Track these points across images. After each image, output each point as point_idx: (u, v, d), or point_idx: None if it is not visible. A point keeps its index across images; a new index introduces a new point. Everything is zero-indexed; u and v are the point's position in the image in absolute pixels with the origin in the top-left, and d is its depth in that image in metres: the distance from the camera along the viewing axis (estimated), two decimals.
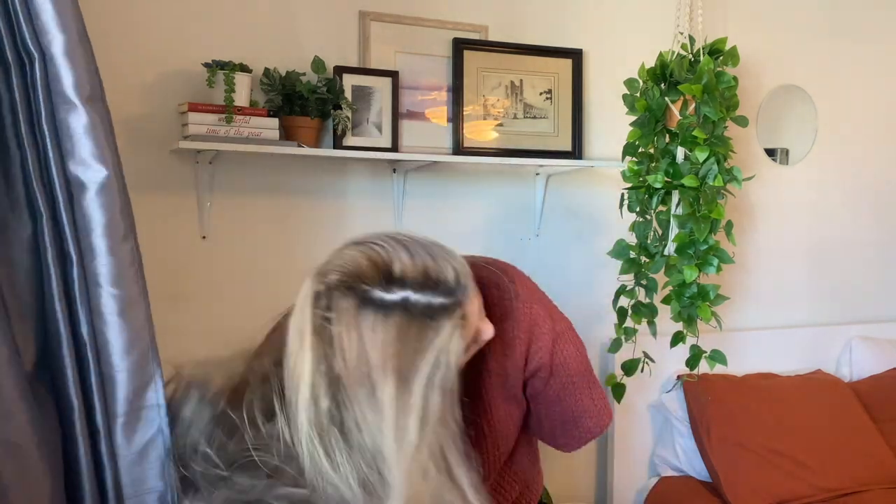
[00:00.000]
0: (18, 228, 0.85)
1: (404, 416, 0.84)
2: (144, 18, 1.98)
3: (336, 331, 0.85)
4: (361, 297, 0.85)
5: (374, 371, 0.84)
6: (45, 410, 0.83)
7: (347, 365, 0.85)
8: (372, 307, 0.85)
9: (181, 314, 2.04)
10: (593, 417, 1.23)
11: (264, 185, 2.13)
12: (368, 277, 0.86)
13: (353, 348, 0.84)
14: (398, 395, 0.84)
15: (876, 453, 2.42)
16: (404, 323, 0.85)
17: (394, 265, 0.87)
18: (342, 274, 0.87)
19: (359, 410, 0.85)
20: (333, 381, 0.86)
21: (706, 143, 2.07)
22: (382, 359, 0.84)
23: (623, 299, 2.25)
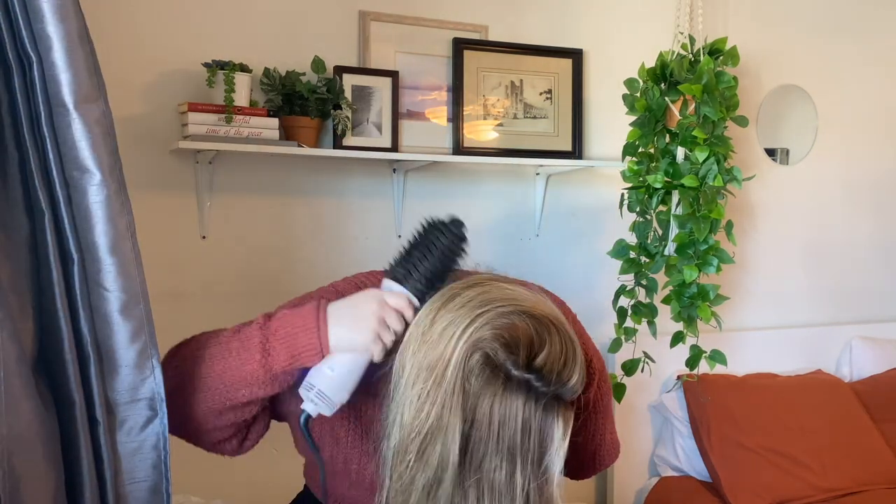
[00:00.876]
0: (18, 227, 0.85)
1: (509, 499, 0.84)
2: (144, 18, 1.99)
3: (475, 400, 0.84)
4: (497, 367, 0.85)
5: (490, 448, 0.84)
6: (46, 405, 0.84)
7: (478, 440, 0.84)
8: (504, 381, 0.84)
9: (181, 314, 2.04)
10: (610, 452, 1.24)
11: (264, 185, 2.13)
12: (510, 349, 0.85)
13: (486, 421, 0.84)
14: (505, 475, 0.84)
15: (876, 453, 2.42)
16: (528, 407, 0.84)
17: (539, 352, 0.86)
18: (492, 333, 0.86)
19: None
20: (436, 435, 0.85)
21: (706, 143, 2.08)
22: (496, 438, 0.84)
23: (623, 299, 2.25)
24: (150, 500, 0.92)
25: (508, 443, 0.84)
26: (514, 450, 0.84)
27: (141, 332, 0.90)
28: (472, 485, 0.84)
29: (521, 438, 0.84)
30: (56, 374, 0.86)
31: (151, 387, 0.91)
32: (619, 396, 2.28)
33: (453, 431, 0.84)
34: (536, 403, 0.85)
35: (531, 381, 0.84)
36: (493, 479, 0.83)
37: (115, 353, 0.89)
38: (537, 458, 0.85)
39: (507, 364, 0.84)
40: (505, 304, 0.89)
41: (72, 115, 0.84)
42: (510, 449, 0.84)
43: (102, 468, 0.88)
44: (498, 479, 0.83)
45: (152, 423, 0.92)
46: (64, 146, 0.85)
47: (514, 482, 0.84)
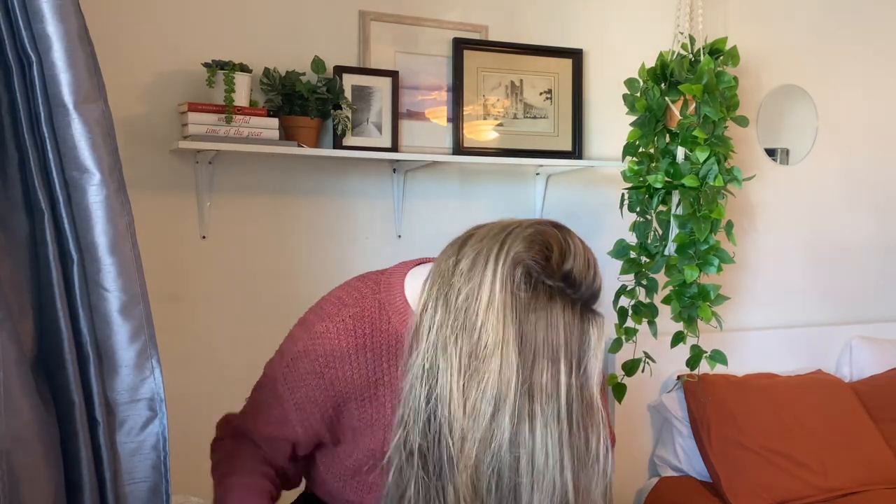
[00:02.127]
0: (18, 227, 0.85)
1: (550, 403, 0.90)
2: (144, 18, 1.98)
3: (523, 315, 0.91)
4: (534, 280, 0.92)
5: (531, 352, 0.90)
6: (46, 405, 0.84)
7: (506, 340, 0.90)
8: (551, 297, 0.92)
9: (181, 314, 2.05)
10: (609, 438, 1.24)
11: (264, 185, 2.13)
12: (551, 262, 0.93)
13: (519, 329, 0.90)
14: (552, 380, 0.90)
15: (876, 453, 2.42)
16: (567, 315, 0.92)
17: (567, 259, 0.95)
18: (520, 252, 0.93)
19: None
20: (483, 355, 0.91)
21: (706, 143, 2.08)
22: (543, 345, 0.90)
23: (623, 299, 2.25)
24: (149, 500, 0.92)
25: (553, 347, 0.90)
26: (557, 353, 0.90)
27: (141, 333, 0.90)
28: (525, 392, 0.89)
29: (563, 341, 0.91)
30: (56, 374, 0.86)
31: (151, 387, 0.91)
32: (620, 396, 2.28)
33: (508, 345, 0.89)
34: (573, 308, 0.93)
35: (564, 289, 0.93)
36: (542, 382, 0.90)
37: (114, 353, 0.89)
38: (577, 360, 0.92)
39: (546, 275, 0.92)
40: (521, 223, 0.97)
41: (72, 115, 0.84)
42: (554, 352, 0.90)
43: (102, 468, 0.88)
44: (545, 381, 0.90)
45: (152, 424, 0.91)
46: (64, 146, 0.85)
47: (558, 382, 0.90)
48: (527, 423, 0.90)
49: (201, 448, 2.03)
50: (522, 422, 0.90)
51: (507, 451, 0.90)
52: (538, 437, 0.90)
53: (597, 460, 0.93)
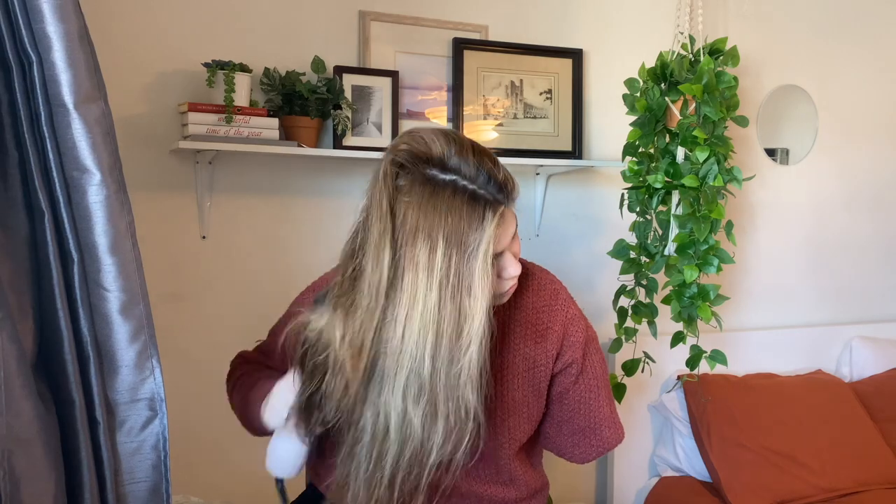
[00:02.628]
0: (18, 227, 0.85)
1: (426, 275, 0.97)
2: (144, 18, 1.99)
3: (395, 202, 1.00)
4: (422, 173, 1.00)
5: (411, 228, 0.98)
6: (46, 405, 0.84)
7: (397, 226, 1.00)
8: (430, 184, 0.99)
9: (181, 313, 2.05)
10: (612, 428, 1.27)
11: (264, 185, 2.13)
12: (430, 159, 1.01)
13: (403, 217, 0.99)
14: (429, 253, 0.97)
15: (876, 453, 2.42)
16: (451, 198, 0.98)
17: (452, 156, 1.01)
18: (410, 154, 1.01)
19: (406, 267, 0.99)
20: (381, 235, 1.00)
21: (706, 143, 2.08)
22: (423, 226, 0.98)
23: (623, 299, 2.25)
24: (149, 500, 0.92)
25: (429, 227, 0.98)
26: (434, 233, 0.97)
27: (141, 332, 0.90)
28: (399, 268, 0.98)
29: (442, 222, 0.98)
30: (56, 374, 0.86)
31: (151, 387, 0.91)
32: (620, 396, 2.28)
33: (387, 234, 0.99)
34: (458, 194, 0.99)
35: (457, 180, 1.00)
36: (416, 258, 0.98)
37: (114, 353, 0.89)
38: (459, 240, 0.98)
39: (425, 166, 1.00)
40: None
41: (72, 115, 0.84)
42: (432, 232, 0.98)
43: (102, 468, 0.88)
44: (419, 257, 0.97)
45: (152, 424, 0.92)
46: (64, 146, 0.85)
47: (434, 259, 0.97)
48: (399, 294, 0.98)
49: (201, 448, 2.03)
50: (394, 293, 0.98)
51: (384, 326, 0.99)
52: (406, 310, 0.97)
53: (467, 345, 0.98)
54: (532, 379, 1.20)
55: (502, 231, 1.03)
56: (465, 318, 0.98)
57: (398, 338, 0.98)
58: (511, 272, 1.09)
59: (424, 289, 0.97)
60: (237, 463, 2.08)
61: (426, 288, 0.97)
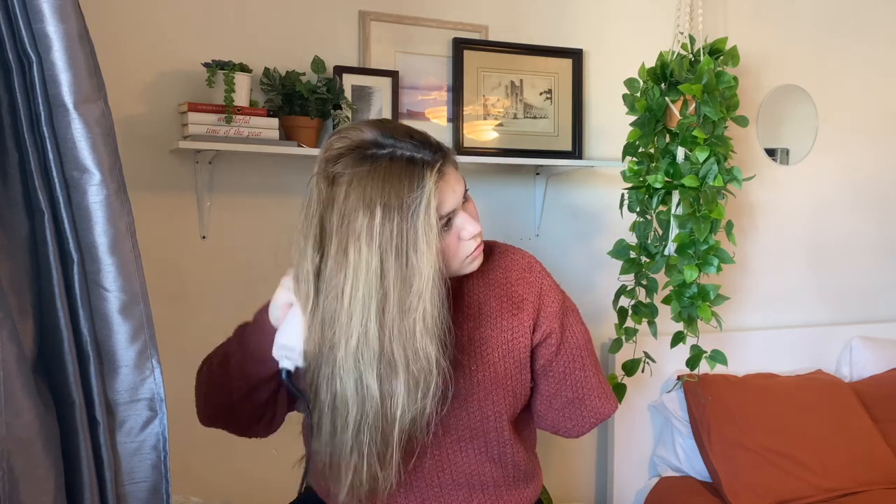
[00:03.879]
0: (18, 227, 0.85)
1: (367, 242, 1.01)
2: (144, 18, 1.98)
3: (335, 188, 1.04)
4: (359, 155, 1.04)
5: (352, 205, 1.02)
6: (46, 405, 0.84)
7: (337, 207, 1.03)
8: (367, 161, 1.03)
9: (181, 314, 2.04)
10: (601, 397, 1.29)
11: (264, 185, 2.13)
12: (365, 143, 1.05)
13: (345, 198, 1.03)
14: (368, 221, 1.01)
15: (876, 453, 2.42)
16: (388, 167, 1.03)
17: (387, 136, 1.06)
18: (346, 141, 1.06)
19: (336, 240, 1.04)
20: (321, 222, 1.06)
21: (706, 143, 2.08)
22: (361, 198, 1.02)
23: (623, 299, 2.25)
24: (149, 500, 0.92)
25: (366, 199, 1.01)
26: (372, 203, 1.01)
27: (141, 332, 0.90)
28: (340, 243, 1.03)
29: (379, 192, 1.01)
30: (56, 374, 0.86)
31: (151, 387, 0.91)
32: (620, 396, 2.28)
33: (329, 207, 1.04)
34: (391, 162, 1.03)
35: (391, 149, 1.04)
36: (356, 229, 1.02)
37: (114, 353, 0.89)
38: (399, 205, 1.01)
39: (367, 149, 1.04)
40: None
41: (72, 115, 0.84)
42: (369, 203, 1.01)
43: (102, 468, 0.88)
44: (359, 228, 1.01)
45: (152, 424, 0.92)
46: (64, 146, 0.85)
47: (372, 227, 1.01)
48: (343, 269, 1.02)
49: (201, 448, 2.03)
50: (338, 269, 1.02)
51: (329, 298, 1.03)
52: (351, 281, 1.01)
53: (418, 296, 1.02)
54: (512, 351, 1.22)
55: (445, 186, 1.08)
56: (414, 272, 1.02)
57: (344, 307, 1.02)
58: (470, 230, 1.14)
59: (367, 255, 1.01)
60: (237, 463, 2.08)
61: (368, 254, 1.01)
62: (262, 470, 2.06)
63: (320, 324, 1.05)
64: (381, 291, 1.01)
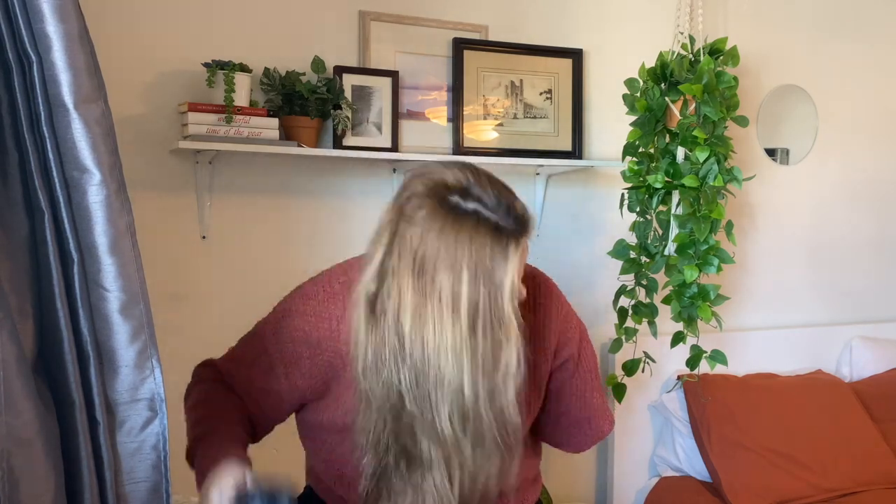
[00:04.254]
0: (18, 227, 0.85)
1: (453, 306, 0.95)
2: (144, 18, 1.98)
3: (410, 228, 0.98)
4: (440, 200, 0.97)
5: (432, 262, 0.96)
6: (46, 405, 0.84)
7: (410, 255, 0.97)
8: (450, 212, 0.97)
9: (181, 314, 2.04)
10: (604, 417, 1.29)
11: (264, 185, 2.13)
12: (449, 187, 0.98)
13: (421, 243, 0.97)
14: (453, 283, 0.95)
15: (876, 453, 2.42)
16: (474, 229, 0.97)
17: (473, 185, 1.00)
18: (427, 180, 1.00)
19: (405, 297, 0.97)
20: (388, 271, 0.99)
21: (706, 143, 2.08)
22: (446, 255, 0.96)
23: (623, 299, 2.25)
24: (149, 500, 0.92)
25: (456, 259, 0.95)
26: (460, 264, 0.95)
27: (141, 332, 0.90)
28: (421, 298, 0.96)
29: (467, 255, 0.96)
30: (56, 374, 0.86)
31: (151, 387, 0.91)
32: (620, 396, 2.28)
33: (405, 258, 0.97)
34: (482, 226, 0.98)
35: (480, 211, 0.98)
36: (440, 289, 0.96)
37: (114, 353, 0.89)
38: (485, 272, 0.97)
39: (448, 196, 0.97)
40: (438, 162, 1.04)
41: (72, 115, 0.84)
42: (457, 263, 0.95)
43: (102, 468, 0.88)
44: (443, 288, 0.96)
45: (152, 424, 0.92)
46: (64, 146, 0.85)
47: (459, 291, 0.95)
48: (427, 326, 0.95)
49: None
50: (421, 326, 0.96)
51: (414, 354, 0.97)
52: (436, 341, 0.95)
53: (507, 372, 0.98)
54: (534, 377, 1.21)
55: (523, 259, 1.04)
56: (500, 347, 0.98)
57: (435, 367, 0.97)
58: (522, 295, 1.08)
59: (450, 320, 0.95)
60: None
61: (452, 319, 0.95)
62: (262, 469, 2.06)
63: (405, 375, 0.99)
64: (471, 362, 0.96)
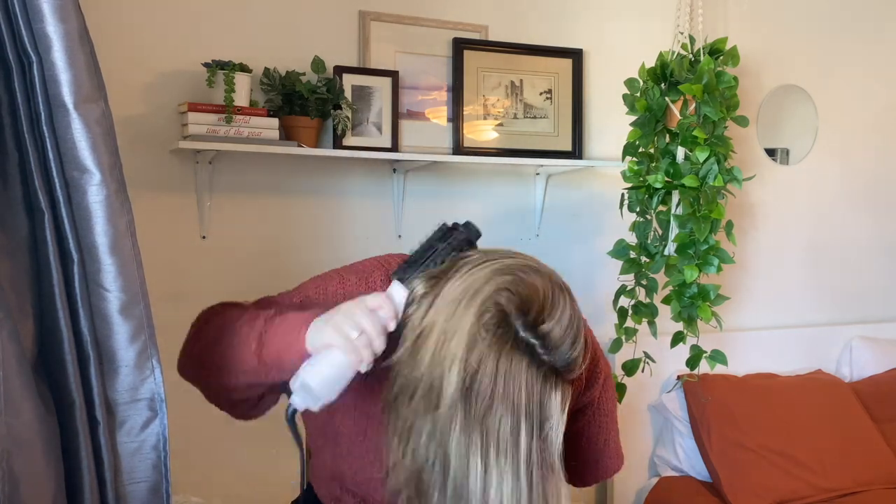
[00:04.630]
0: (18, 227, 0.85)
1: (510, 453, 0.86)
2: (144, 18, 1.98)
3: (484, 350, 0.87)
4: (514, 331, 0.88)
5: (496, 399, 0.87)
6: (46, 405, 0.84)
7: (479, 386, 0.87)
8: (516, 347, 0.88)
9: (181, 314, 2.04)
10: (613, 458, 1.26)
11: (264, 185, 2.13)
12: (527, 313, 0.89)
13: (491, 372, 0.87)
14: (511, 429, 0.86)
15: (876, 453, 2.42)
16: (531, 368, 0.87)
17: (548, 319, 0.90)
18: (509, 303, 0.89)
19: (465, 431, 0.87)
20: (464, 393, 0.88)
21: (706, 143, 2.08)
22: (507, 391, 0.87)
23: (623, 299, 2.25)
24: (149, 500, 0.92)
25: (513, 399, 0.86)
26: (518, 407, 0.86)
27: (141, 332, 0.90)
28: (478, 433, 0.86)
29: (524, 398, 0.86)
30: (56, 374, 0.86)
31: (151, 387, 0.91)
32: (620, 396, 2.28)
33: (452, 374, 0.86)
34: (538, 369, 0.87)
35: (536, 347, 0.87)
36: (498, 429, 0.86)
37: (115, 353, 0.89)
38: (539, 421, 0.88)
39: (518, 323, 0.87)
40: (523, 265, 0.94)
41: (72, 115, 0.84)
42: (515, 405, 0.86)
43: (102, 468, 0.88)
44: (503, 430, 0.86)
45: (152, 424, 0.92)
46: (64, 146, 0.85)
47: (518, 435, 0.86)
48: (481, 469, 0.86)
49: (202, 448, 2.03)
50: (473, 468, 0.87)
51: (463, 492, 0.87)
52: (493, 488, 0.86)
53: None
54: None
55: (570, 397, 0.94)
56: (552, 496, 0.90)
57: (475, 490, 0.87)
58: None
59: (512, 468, 0.87)
60: (237, 463, 2.08)
61: (513, 468, 0.87)
62: (262, 470, 2.06)
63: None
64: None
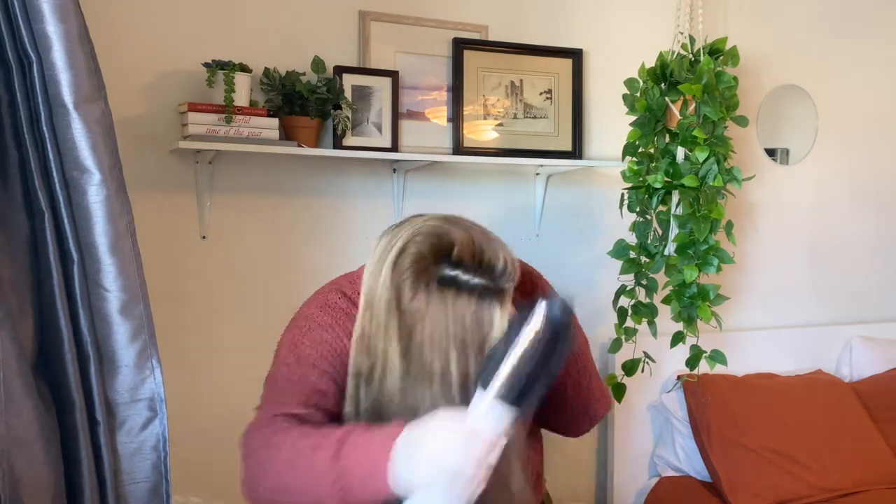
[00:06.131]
0: (18, 228, 0.85)
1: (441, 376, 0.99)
2: (144, 18, 1.98)
3: (410, 299, 1.00)
4: (433, 275, 1.01)
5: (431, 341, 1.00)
6: (46, 405, 0.84)
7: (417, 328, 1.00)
8: (438, 287, 1.00)
9: (181, 313, 2.04)
10: (601, 400, 1.31)
11: (264, 185, 2.13)
12: (435, 255, 1.01)
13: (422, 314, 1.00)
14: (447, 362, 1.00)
15: (876, 453, 2.42)
16: (454, 303, 0.99)
17: (454, 248, 1.01)
18: (416, 253, 1.02)
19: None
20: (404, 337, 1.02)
21: (706, 143, 2.08)
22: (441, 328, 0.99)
23: (623, 299, 2.25)
24: (149, 500, 0.92)
25: (442, 336, 0.99)
26: (446, 343, 0.99)
27: (141, 332, 0.90)
28: (416, 376, 1.00)
29: (457, 330, 0.99)
30: (56, 374, 0.86)
31: (151, 387, 0.91)
32: (620, 396, 2.28)
33: (393, 334, 1.01)
34: (469, 295, 1.00)
35: (459, 276, 1.00)
36: (431, 370, 0.99)
37: (114, 353, 0.89)
38: (478, 344, 1.00)
39: (434, 267, 1.00)
40: (420, 218, 1.09)
41: (72, 115, 0.84)
42: (443, 342, 0.99)
43: (102, 469, 0.88)
44: (435, 369, 0.99)
45: (152, 424, 0.92)
46: (64, 146, 0.85)
47: (449, 371, 0.99)
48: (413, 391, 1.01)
49: (201, 448, 2.03)
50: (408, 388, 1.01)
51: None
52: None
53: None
54: None
55: (506, 313, 1.04)
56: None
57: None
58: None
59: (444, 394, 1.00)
60: (237, 463, 2.07)
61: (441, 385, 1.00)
62: None
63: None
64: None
